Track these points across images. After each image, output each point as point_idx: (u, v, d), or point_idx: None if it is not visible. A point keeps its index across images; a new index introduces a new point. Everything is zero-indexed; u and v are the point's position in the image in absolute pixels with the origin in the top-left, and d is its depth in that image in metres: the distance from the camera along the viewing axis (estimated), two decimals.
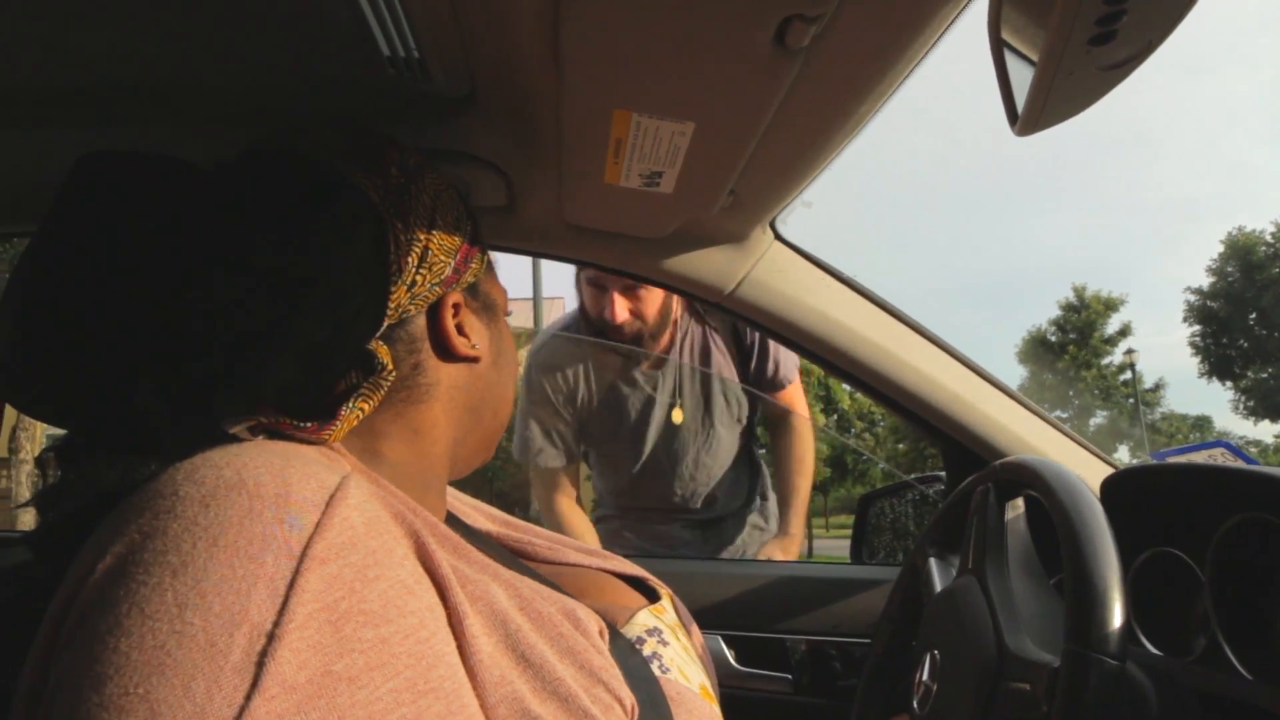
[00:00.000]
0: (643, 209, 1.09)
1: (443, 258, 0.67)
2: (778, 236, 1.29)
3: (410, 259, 0.64)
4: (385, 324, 0.63)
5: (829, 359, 1.39)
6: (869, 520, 1.99)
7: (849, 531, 2.09)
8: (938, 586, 1.04)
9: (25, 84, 0.83)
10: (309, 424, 0.57)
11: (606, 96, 0.81)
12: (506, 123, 0.92)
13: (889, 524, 1.96)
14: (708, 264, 1.28)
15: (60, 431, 0.62)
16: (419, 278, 0.65)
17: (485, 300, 0.76)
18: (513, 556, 0.81)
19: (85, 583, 0.43)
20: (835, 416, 27.02)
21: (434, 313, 0.69)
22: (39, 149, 0.94)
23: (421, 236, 0.66)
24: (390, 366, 0.63)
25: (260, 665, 0.37)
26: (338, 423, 0.59)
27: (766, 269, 1.30)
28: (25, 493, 10.20)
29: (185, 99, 0.86)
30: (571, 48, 0.74)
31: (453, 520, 0.79)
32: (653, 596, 0.85)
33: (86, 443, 0.56)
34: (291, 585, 0.40)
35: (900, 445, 30.93)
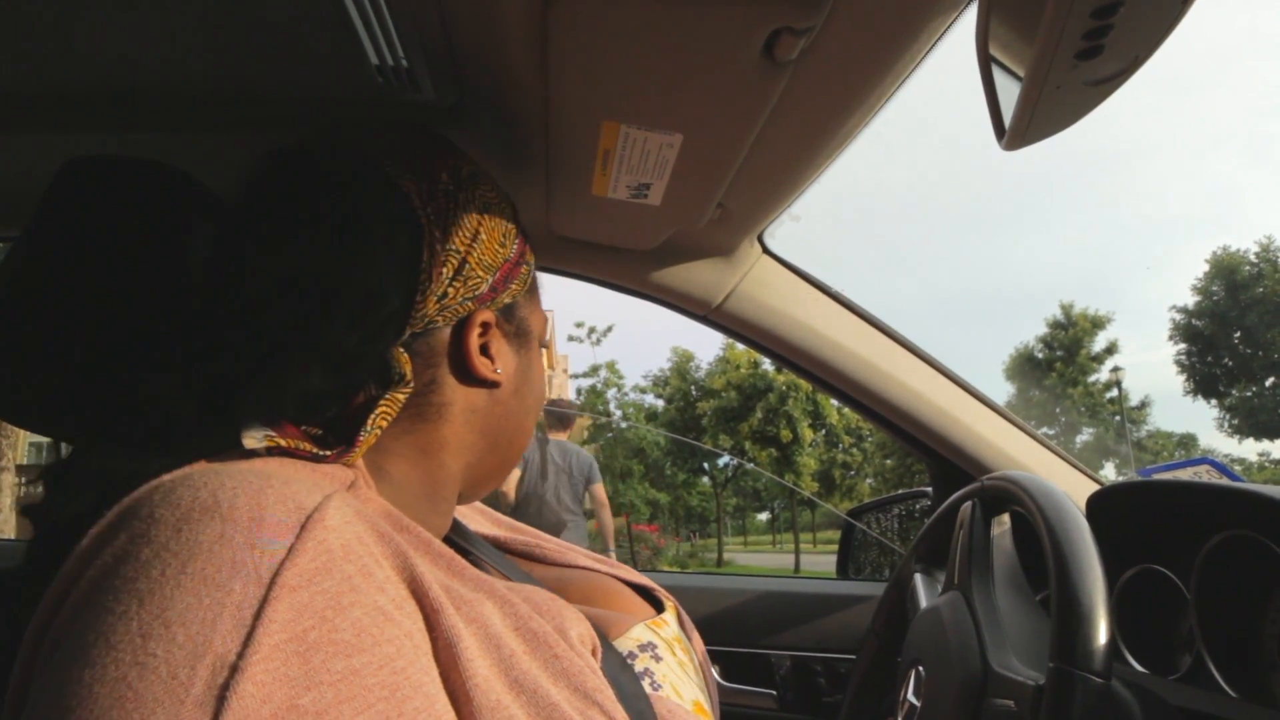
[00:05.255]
0: (630, 221, 1.09)
1: (480, 273, 0.65)
2: (766, 250, 1.29)
3: (445, 270, 0.62)
4: (408, 333, 0.61)
5: (816, 373, 1.39)
6: (855, 535, 1.99)
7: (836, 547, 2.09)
8: (923, 602, 1.03)
9: (17, 89, 0.83)
10: (329, 453, 0.55)
11: (595, 107, 0.81)
12: (495, 133, 0.91)
13: (875, 539, 1.96)
14: (695, 277, 1.28)
15: (44, 440, 0.61)
16: (451, 290, 0.63)
17: (520, 325, 0.72)
18: (512, 564, 0.81)
19: (62, 605, 0.42)
20: (823, 431, 27.05)
21: (460, 329, 0.65)
22: (31, 153, 0.94)
23: (461, 248, 0.64)
24: (409, 378, 0.61)
25: (222, 699, 0.36)
26: (357, 449, 0.57)
27: (754, 282, 1.30)
28: (7, 500, 10.10)
29: (174, 106, 0.86)
30: (560, 58, 0.74)
31: (455, 529, 0.78)
32: (658, 606, 0.84)
33: (86, 445, 0.54)
34: (258, 614, 0.39)
35: (888, 461, 31.01)
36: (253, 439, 0.53)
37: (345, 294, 0.58)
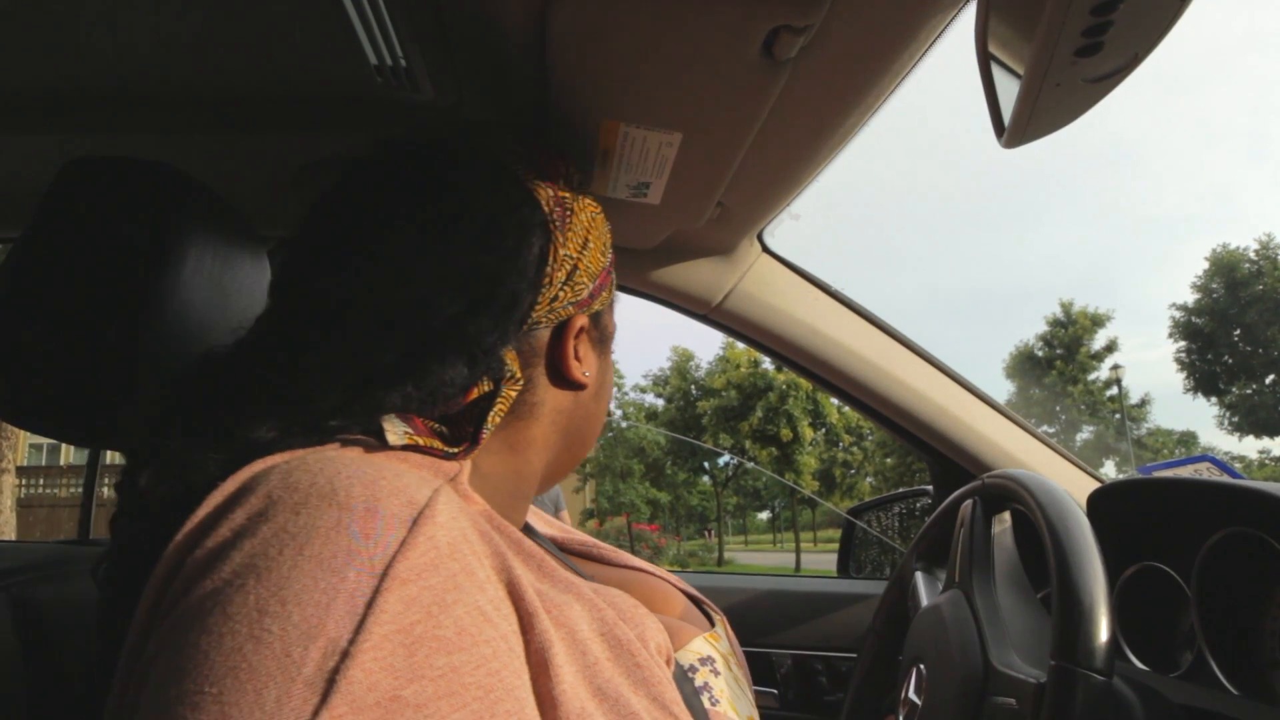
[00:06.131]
0: (630, 220, 1.09)
1: (585, 280, 0.68)
2: (765, 249, 1.29)
3: (560, 273, 0.65)
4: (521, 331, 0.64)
5: (816, 372, 1.39)
6: (856, 534, 1.99)
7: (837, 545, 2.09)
8: (924, 601, 1.03)
9: (17, 89, 0.83)
10: (456, 450, 0.57)
11: (594, 106, 0.81)
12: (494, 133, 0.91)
13: (876, 538, 1.95)
14: (695, 276, 1.28)
15: (44, 441, 0.60)
16: (561, 294, 0.66)
17: (604, 331, 0.75)
18: (575, 565, 0.81)
19: (179, 570, 0.43)
20: (823, 430, 27.03)
21: (558, 332, 0.68)
22: (31, 153, 0.94)
23: (574, 254, 0.67)
24: (519, 375, 0.63)
25: (331, 682, 0.37)
26: (480, 445, 0.58)
27: (754, 281, 1.30)
28: (7, 501, 10.10)
29: (174, 106, 0.86)
30: (559, 57, 0.74)
31: (528, 530, 0.78)
32: (708, 618, 0.84)
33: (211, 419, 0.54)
34: (371, 604, 0.40)
35: (889, 459, 30.99)
36: (394, 434, 0.54)
37: (496, 292, 0.60)
